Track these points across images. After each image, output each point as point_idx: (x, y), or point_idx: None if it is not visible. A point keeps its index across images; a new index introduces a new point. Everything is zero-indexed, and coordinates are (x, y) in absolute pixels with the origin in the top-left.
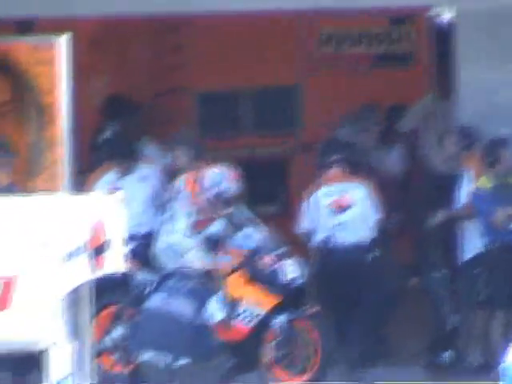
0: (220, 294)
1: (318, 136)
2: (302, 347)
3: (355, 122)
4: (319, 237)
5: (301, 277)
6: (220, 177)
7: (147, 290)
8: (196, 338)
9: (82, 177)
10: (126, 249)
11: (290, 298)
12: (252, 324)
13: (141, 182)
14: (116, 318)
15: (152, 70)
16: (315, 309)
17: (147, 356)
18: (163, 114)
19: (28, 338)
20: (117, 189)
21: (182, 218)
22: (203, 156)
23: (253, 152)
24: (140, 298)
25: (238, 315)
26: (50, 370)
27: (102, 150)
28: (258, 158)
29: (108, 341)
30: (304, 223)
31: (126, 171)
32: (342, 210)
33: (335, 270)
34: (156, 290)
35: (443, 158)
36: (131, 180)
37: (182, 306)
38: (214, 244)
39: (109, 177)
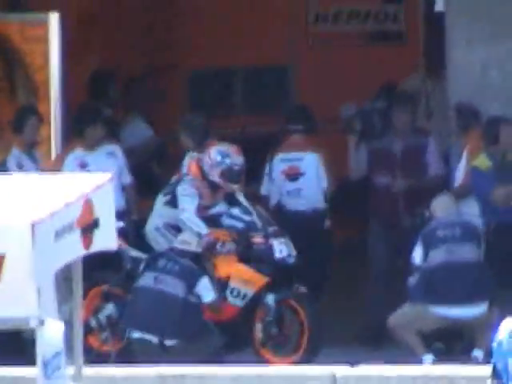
0: (211, 274)
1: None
2: (290, 328)
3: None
4: (273, 202)
5: (290, 256)
6: (223, 154)
7: (137, 269)
8: (186, 318)
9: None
10: (116, 227)
11: (280, 277)
12: (241, 303)
13: (107, 158)
14: (105, 297)
15: (143, 47)
16: (303, 289)
17: (137, 335)
18: (153, 91)
19: (17, 317)
20: (85, 164)
21: (188, 199)
22: (208, 139)
23: (244, 131)
24: (130, 277)
25: (228, 295)
26: (39, 348)
27: (73, 127)
28: (249, 137)
29: (97, 320)
30: (262, 187)
31: (91, 148)
32: (294, 178)
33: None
34: (146, 269)
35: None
36: (97, 156)
37: (172, 286)
38: (210, 225)
39: (76, 153)
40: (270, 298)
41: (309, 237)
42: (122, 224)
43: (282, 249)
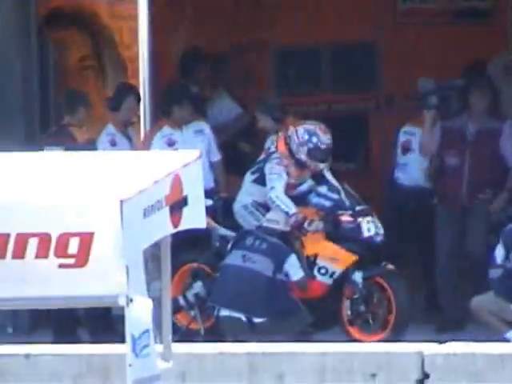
0: (299, 252)
1: (398, 92)
2: (378, 305)
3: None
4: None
5: (378, 235)
6: (311, 132)
7: (226, 247)
8: (274, 296)
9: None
10: (205, 205)
11: (368, 255)
12: (330, 281)
13: (195, 136)
14: (194, 275)
15: (230, 24)
16: (391, 267)
17: (225, 313)
18: (240, 68)
19: (106, 294)
20: (173, 142)
21: (276, 177)
22: (286, 120)
23: (331, 108)
24: (218, 255)
25: (316, 272)
26: (128, 325)
27: (161, 105)
28: (336, 115)
29: (186, 298)
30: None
31: (179, 126)
32: (405, 151)
33: (393, 209)
34: (234, 247)
35: None
36: (185, 134)
37: (260, 264)
38: (298, 203)
39: (164, 132)
40: (358, 276)
41: (413, 213)
42: (210, 202)
43: (369, 227)
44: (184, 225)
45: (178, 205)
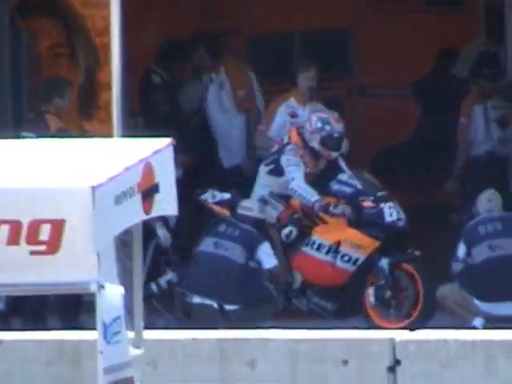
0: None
1: (372, 79)
2: (403, 291)
3: None
4: (482, 148)
5: (400, 220)
6: (323, 121)
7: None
8: (246, 283)
9: (133, 119)
10: (223, 198)
11: (392, 241)
12: (353, 268)
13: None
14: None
15: (205, 12)
16: (417, 253)
17: (197, 300)
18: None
19: (77, 281)
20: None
21: (294, 168)
22: None
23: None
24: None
25: (339, 260)
26: (99, 313)
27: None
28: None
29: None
30: (468, 132)
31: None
32: (506, 124)
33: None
34: (207, 234)
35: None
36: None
37: (232, 251)
38: (319, 192)
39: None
40: (384, 262)
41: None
42: (228, 195)
43: (391, 212)
44: (156, 211)
45: (149, 191)
